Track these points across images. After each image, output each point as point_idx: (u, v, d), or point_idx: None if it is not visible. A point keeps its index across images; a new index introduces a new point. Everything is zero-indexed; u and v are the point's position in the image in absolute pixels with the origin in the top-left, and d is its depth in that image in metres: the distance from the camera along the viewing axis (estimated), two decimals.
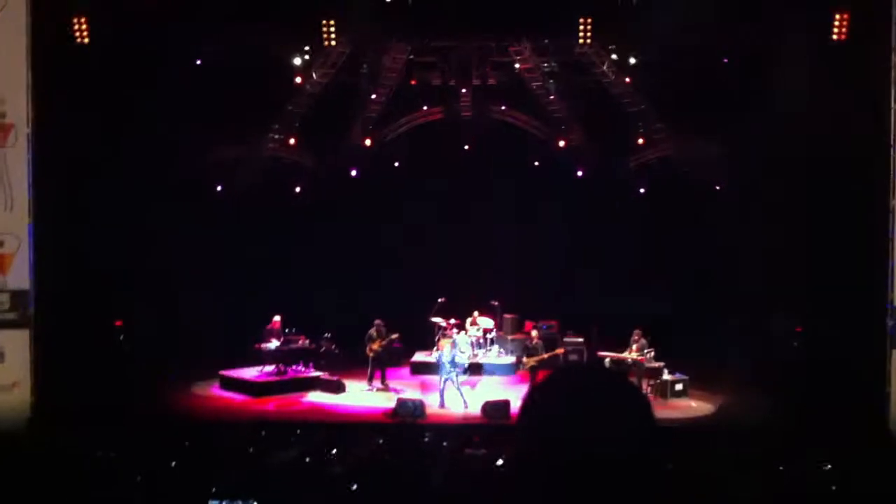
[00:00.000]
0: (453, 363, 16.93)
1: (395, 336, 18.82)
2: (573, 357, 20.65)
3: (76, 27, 16.67)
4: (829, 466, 9.90)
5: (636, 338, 18.34)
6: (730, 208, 19.54)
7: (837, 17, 16.30)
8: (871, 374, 14.71)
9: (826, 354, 16.14)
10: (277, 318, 19.39)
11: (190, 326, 18.11)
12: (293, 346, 19.38)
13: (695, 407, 16.68)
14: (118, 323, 19.02)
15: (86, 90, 16.07)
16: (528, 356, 18.52)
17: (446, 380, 16.82)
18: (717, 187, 21.05)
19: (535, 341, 18.67)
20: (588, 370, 2.14)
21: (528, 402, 1.92)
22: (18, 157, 14.87)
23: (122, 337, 18.97)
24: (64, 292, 15.50)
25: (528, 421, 1.88)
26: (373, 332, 18.67)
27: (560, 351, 19.27)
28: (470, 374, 19.27)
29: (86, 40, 16.69)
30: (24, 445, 12.02)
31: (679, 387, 17.67)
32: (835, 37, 16.31)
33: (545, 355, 18.35)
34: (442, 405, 16.70)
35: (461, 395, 16.84)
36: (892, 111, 14.35)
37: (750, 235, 17.82)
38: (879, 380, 14.44)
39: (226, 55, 18.14)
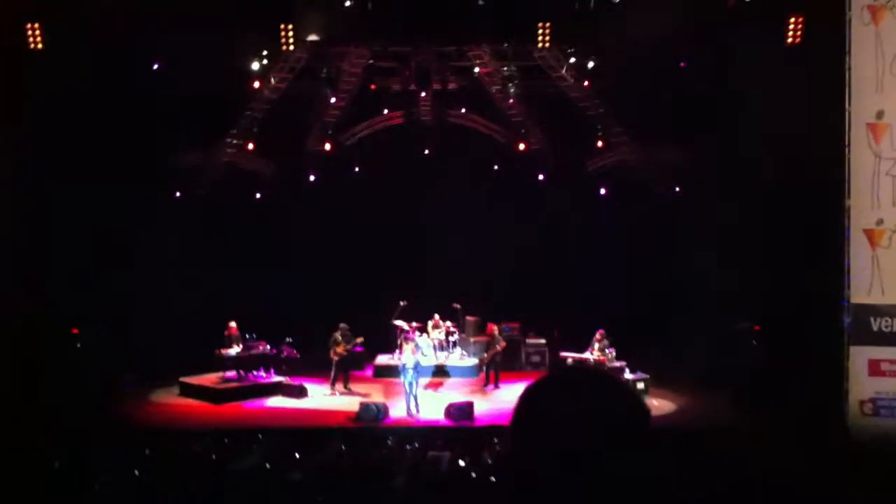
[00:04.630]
0: (416, 367, 16.90)
1: (359, 340, 18.77)
2: (535, 358, 20.80)
3: (30, 33, 16.45)
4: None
5: (598, 338, 18.58)
6: (688, 210, 19.76)
7: (792, 20, 16.55)
8: (827, 371, 14.91)
9: (784, 353, 16.34)
10: (233, 323, 19.23)
11: (148, 333, 17.92)
12: (253, 351, 19.26)
13: (656, 406, 16.80)
14: (75, 330, 18.76)
15: (41, 95, 15.87)
16: (487, 350, 19.25)
17: (410, 384, 16.77)
18: (677, 189, 21.28)
19: (495, 335, 19.23)
20: (581, 371, 2.12)
21: (522, 404, 1.90)
22: None
23: (78, 344, 18.71)
24: (20, 300, 15.28)
25: (522, 423, 1.87)
26: (338, 335, 18.58)
27: (502, 345, 19.36)
28: (433, 377, 19.33)
29: (39, 45, 16.47)
30: None
31: (640, 385, 17.82)
32: (789, 40, 16.56)
33: (497, 349, 18.94)
34: (409, 412, 16.64)
35: (416, 400, 16.79)
36: (846, 113, 14.56)
37: (708, 236, 18.03)
38: (836, 377, 14.65)
39: (183, 60, 17.98)
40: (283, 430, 14.96)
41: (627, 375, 17.94)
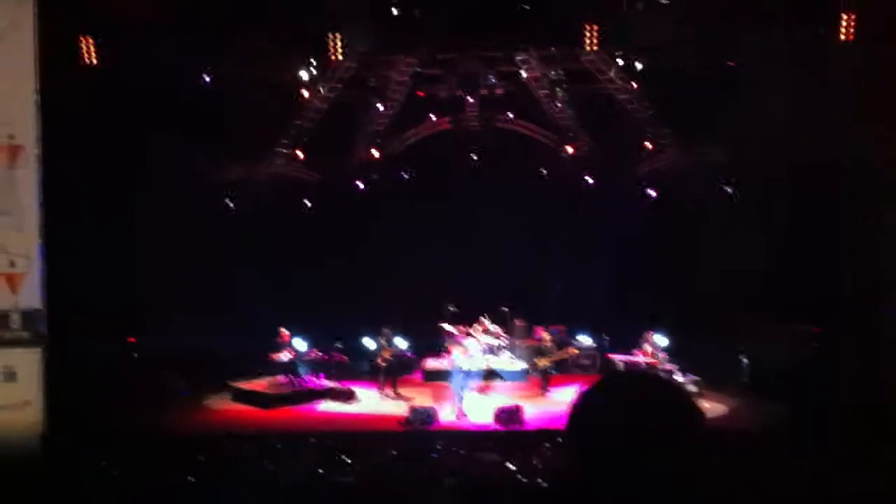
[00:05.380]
0: (465, 371, 16.93)
1: (403, 342, 18.87)
2: (585, 361, 20.69)
3: (83, 48, 16.77)
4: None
5: (649, 339, 18.44)
6: (740, 212, 19.51)
7: (845, 17, 16.25)
8: (884, 374, 14.64)
9: (840, 354, 16.05)
10: (285, 330, 19.46)
11: (200, 340, 18.16)
12: (305, 357, 19.47)
13: (708, 408, 16.60)
14: (131, 339, 19.07)
15: (94, 110, 16.17)
16: (540, 356, 18.84)
17: (462, 387, 16.80)
18: (728, 189, 21.01)
19: (547, 343, 18.92)
20: (633, 376, 2.12)
21: (576, 410, 1.91)
22: (28, 178, 14.93)
23: (135, 354, 19.02)
24: (76, 311, 15.55)
25: (577, 429, 1.88)
26: (382, 340, 18.75)
27: (573, 351, 19.42)
28: (483, 380, 19.33)
29: (93, 61, 16.78)
30: (37, 464, 12.07)
31: (693, 388, 17.61)
32: (842, 38, 16.26)
33: (559, 355, 18.65)
34: (459, 415, 16.67)
35: (464, 404, 16.80)
36: None
37: (760, 236, 17.79)
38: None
39: (233, 71, 18.23)
40: (334, 434, 15.06)
41: (678, 378, 17.75)
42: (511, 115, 22.51)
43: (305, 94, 19.79)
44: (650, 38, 17.37)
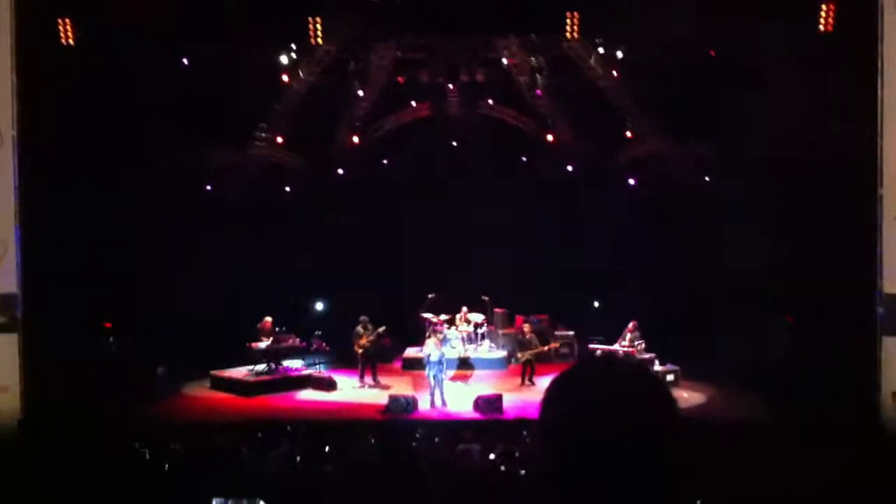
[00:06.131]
0: (441, 360, 16.92)
1: (381, 330, 18.80)
2: (564, 350, 20.72)
3: (61, 28, 16.55)
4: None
5: (630, 329, 18.51)
6: (718, 203, 19.55)
7: (824, 8, 16.29)
8: (860, 362, 14.74)
9: (816, 345, 16.15)
10: (268, 318, 19.39)
11: (179, 327, 18.05)
12: (283, 344, 19.39)
13: (686, 397, 16.70)
14: (107, 325, 18.93)
15: (72, 92, 15.98)
16: (522, 350, 18.68)
17: (435, 376, 16.80)
18: (707, 179, 21.05)
19: (528, 335, 18.89)
20: (609, 362, 2.11)
21: (549, 396, 1.90)
22: (4, 161, 14.79)
23: (111, 338, 18.88)
24: (52, 295, 15.42)
25: (549, 415, 1.87)
26: (359, 328, 18.70)
27: (555, 345, 19.46)
28: (458, 369, 19.34)
29: (71, 42, 16.57)
30: (13, 449, 11.97)
31: (670, 377, 17.74)
32: (821, 28, 16.31)
33: (541, 348, 18.64)
34: (433, 404, 16.68)
35: (441, 393, 16.82)
36: (878, 101, 14.37)
37: (739, 228, 17.84)
38: (869, 368, 14.48)
39: (212, 55, 18.06)
40: (313, 422, 15.02)
41: (657, 367, 17.86)
42: (491, 102, 22.46)
43: (285, 78, 19.64)
44: (631, 27, 17.36)
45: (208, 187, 21.41)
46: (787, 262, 16.72)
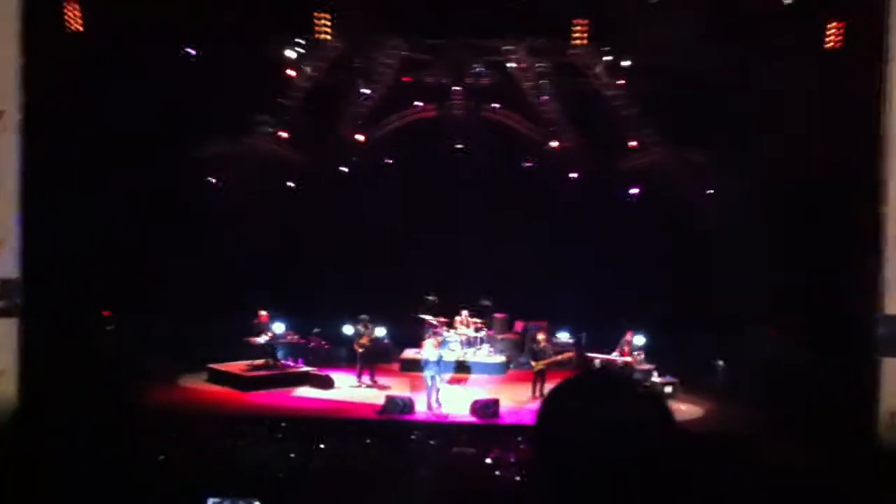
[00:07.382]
0: (438, 363, 16.87)
1: (381, 330, 18.77)
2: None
3: (69, 14, 16.52)
4: None
5: (628, 340, 18.43)
6: (719, 215, 19.54)
7: (833, 25, 16.31)
8: (857, 382, 14.70)
9: (817, 363, 16.11)
10: (264, 312, 19.34)
11: (178, 318, 18.02)
12: (282, 340, 19.37)
13: (684, 410, 16.70)
14: (106, 313, 18.90)
15: (79, 78, 15.95)
16: (536, 359, 18.18)
17: (433, 377, 16.75)
18: (708, 191, 21.04)
19: (542, 344, 18.40)
20: (605, 376, 2.12)
21: (546, 407, 1.90)
22: (8, 145, 14.68)
23: (109, 327, 18.86)
24: (53, 282, 15.37)
25: (547, 428, 1.86)
26: (360, 327, 18.69)
27: (569, 354, 19.03)
28: (455, 372, 19.29)
29: (79, 27, 16.54)
30: (11, 436, 11.94)
31: (668, 389, 17.69)
32: (829, 45, 16.32)
33: (555, 357, 18.21)
34: (430, 406, 16.64)
35: (437, 395, 16.81)
36: (882, 119, 14.33)
37: (740, 241, 17.85)
38: (868, 388, 14.43)
39: (219, 45, 18.03)
40: (309, 419, 15.01)
41: (655, 378, 17.82)
42: (496, 106, 22.45)
43: (291, 72, 19.60)
44: (638, 36, 17.37)
45: (210, 178, 21.36)
46: (788, 278, 16.72)
